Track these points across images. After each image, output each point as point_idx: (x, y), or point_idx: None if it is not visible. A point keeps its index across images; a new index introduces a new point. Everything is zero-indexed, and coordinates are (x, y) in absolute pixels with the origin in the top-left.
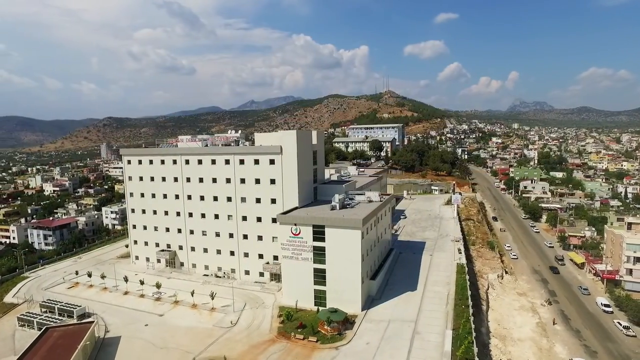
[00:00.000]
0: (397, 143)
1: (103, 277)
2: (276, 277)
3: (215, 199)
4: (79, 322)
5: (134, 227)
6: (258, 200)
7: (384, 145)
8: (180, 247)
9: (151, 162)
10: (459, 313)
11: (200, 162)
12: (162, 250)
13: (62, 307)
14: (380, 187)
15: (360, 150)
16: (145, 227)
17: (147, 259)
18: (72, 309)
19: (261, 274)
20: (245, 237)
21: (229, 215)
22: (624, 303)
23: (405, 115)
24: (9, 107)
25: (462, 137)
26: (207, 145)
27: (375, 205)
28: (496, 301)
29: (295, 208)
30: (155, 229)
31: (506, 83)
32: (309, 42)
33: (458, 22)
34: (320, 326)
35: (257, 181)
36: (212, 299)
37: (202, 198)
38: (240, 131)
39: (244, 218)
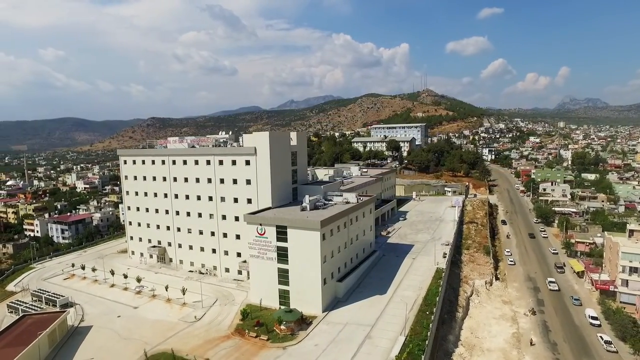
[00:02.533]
0: (418, 143)
1: (94, 270)
2: None
3: (199, 198)
4: (53, 311)
5: (130, 223)
6: (236, 200)
7: (402, 145)
8: (169, 244)
9: (143, 162)
10: (420, 319)
11: (185, 162)
12: (154, 247)
13: (48, 296)
14: (383, 188)
15: (374, 151)
16: (139, 224)
17: (141, 254)
18: (56, 299)
19: (239, 272)
20: (225, 235)
21: (210, 214)
22: (611, 316)
23: (439, 115)
24: (66, 109)
25: (497, 136)
26: (193, 147)
27: (345, 207)
28: (477, 308)
29: (269, 208)
30: (148, 225)
31: (555, 79)
32: (349, 41)
33: (503, 17)
34: (275, 325)
35: (235, 181)
36: (184, 294)
37: (187, 197)
38: (230, 132)
39: (224, 217)
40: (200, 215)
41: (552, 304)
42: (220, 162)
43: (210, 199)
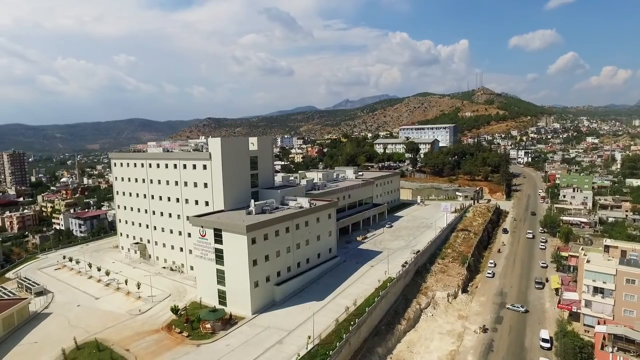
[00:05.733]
0: (443, 145)
1: (77, 262)
2: None
3: (169, 199)
4: (17, 298)
5: (120, 221)
6: (197, 202)
7: (422, 147)
8: (148, 241)
9: (128, 164)
10: (340, 329)
11: (158, 166)
12: (136, 243)
13: (28, 284)
14: (381, 192)
15: (388, 153)
16: (126, 222)
17: (128, 250)
18: (32, 287)
19: None
20: (189, 235)
21: (178, 215)
22: (560, 339)
23: (488, 114)
24: (133, 110)
25: (549, 136)
26: (168, 151)
27: (288, 212)
28: (427, 322)
29: (221, 211)
30: (133, 223)
31: (638, 73)
32: (406, 39)
33: (574, 6)
34: (201, 323)
35: (195, 184)
36: (138, 288)
37: (160, 198)
38: (210, 137)
39: (188, 218)
40: (170, 215)
41: (511, 322)
42: (184, 166)
43: (178, 200)
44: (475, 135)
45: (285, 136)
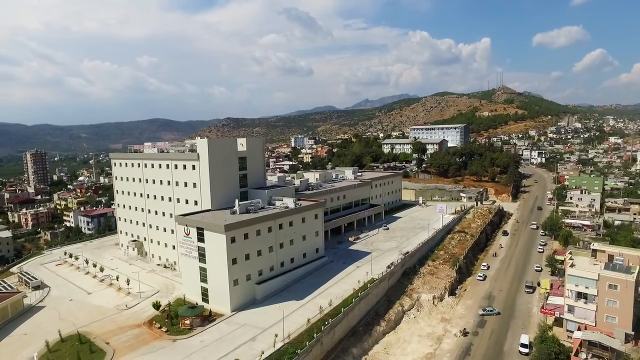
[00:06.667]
0: (455, 144)
1: (76, 258)
2: None
3: (162, 198)
4: (13, 291)
5: (119, 219)
6: (187, 202)
7: (429, 147)
8: (145, 239)
9: (126, 164)
10: (314, 327)
11: (153, 166)
12: (134, 241)
13: (26, 279)
14: (381, 192)
15: (393, 153)
16: (125, 220)
17: (127, 247)
18: (30, 281)
19: None
20: None
21: (170, 214)
22: (537, 345)
23: (507, 114)
24: (155, 110)
25: (569, 136)
26: (162, 152)
27: (271, 212)
28: (408, 323)
29: (207, 210)
30: (131, 221)
31: None
32: (426, 37)
33: (602, 1)
34: (181, 319)
35: (186, 184)
36: (128, 284)
37: (155, 197)
38: (206, 137)
39: (171, 216)
40: (164, 214)
41: (493, 325)
42: (176, 167)
43: (170, 199)
44: (492, 135)
45: (299, 136)
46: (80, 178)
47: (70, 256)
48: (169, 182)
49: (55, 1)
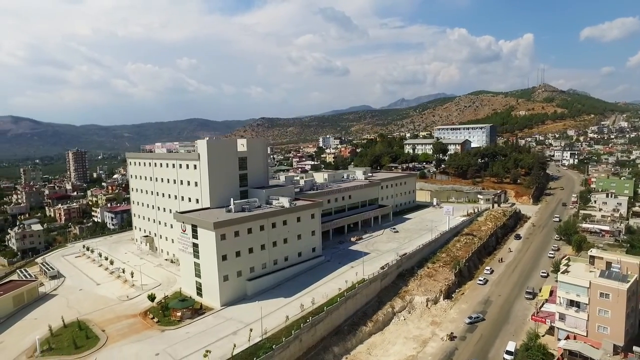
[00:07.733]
0: (481, 144)
1: (92, 251)
2: None
3: (169, 196)
4: (30, 280)
5: (134, 215)
6: (190, 200)
7: (451, 148)
8: (155, 235)
9: (139, 163)
10: (293, 324)
11: (161, 165)
12: (146, 236)
13: (46, 269)
14: (383, 194)
15: (416, 154)
16: (139, 216)
17: (140, 242)
18: (48, 271)
19: None
20: None
21: (176, 211)
22: (521, 353)
23: (544, 113)
24: (193, 111)
25: (612, 136)
26: (170, 152)
27: (265, 211)
28: (397, 325)
29: (207, 208)
30: (144, 218)
31: None
32: (464, 35)
33: None
34: (172, 311)
35: (188, 183)
36: (132, 276)
37: (163, 195)
38: (215, 138)
39: (170, 212)
40: (170, 211)
41: (483, 331)
42: (180, 166)
43: (175, 197)
44: (526, 135)
45: (327, 136)
46: (115, 176)
47: (88, 249)
48: (174, 181)
49: (105, 9)
